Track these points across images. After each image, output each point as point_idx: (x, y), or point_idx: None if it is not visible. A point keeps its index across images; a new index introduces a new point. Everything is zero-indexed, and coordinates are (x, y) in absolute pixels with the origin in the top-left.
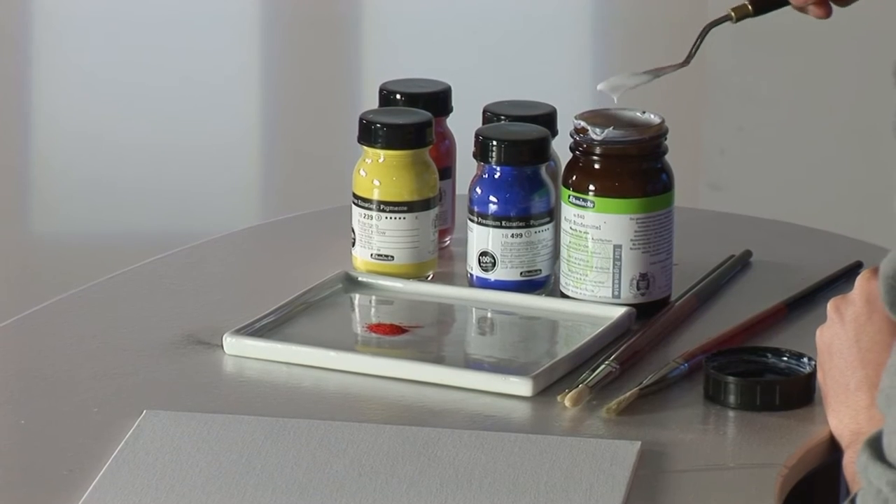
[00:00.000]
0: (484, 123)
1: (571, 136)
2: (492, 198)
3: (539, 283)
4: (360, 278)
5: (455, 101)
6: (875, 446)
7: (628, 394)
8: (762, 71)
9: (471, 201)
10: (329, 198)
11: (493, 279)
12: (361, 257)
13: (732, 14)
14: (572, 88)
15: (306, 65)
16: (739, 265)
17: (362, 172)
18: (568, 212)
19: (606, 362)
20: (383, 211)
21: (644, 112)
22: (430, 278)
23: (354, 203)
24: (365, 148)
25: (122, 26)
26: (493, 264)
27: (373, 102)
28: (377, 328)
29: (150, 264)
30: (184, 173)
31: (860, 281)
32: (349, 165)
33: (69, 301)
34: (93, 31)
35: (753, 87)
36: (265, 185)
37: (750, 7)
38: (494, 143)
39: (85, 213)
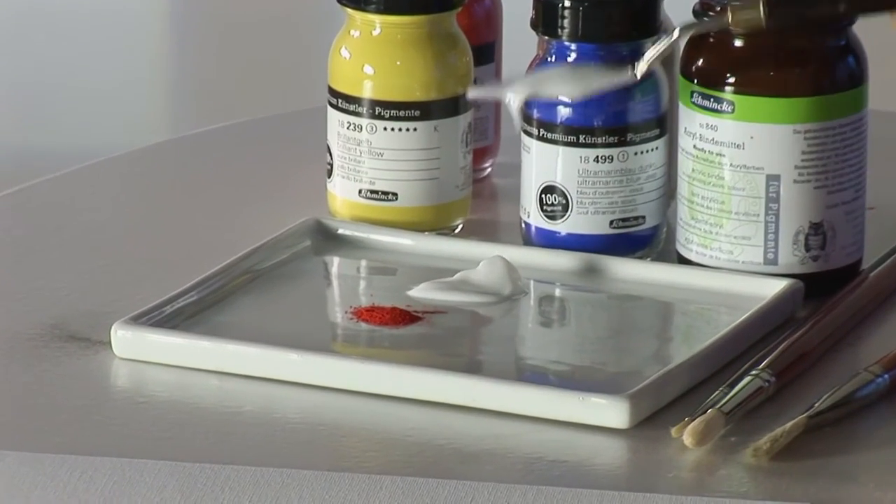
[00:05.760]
0: None
1: None
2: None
3: (642, 238)
4: (340, 230)
5: None
6: None
7: (790, 424)
8: None
9: (527, 104)
10: (290, 97)
11: (563, 232)
12: (343, 195)
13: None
14: None
15: None
16: None
17: (345, 53)
18: (691, 120)
19: (753, 372)
20: (380, 118)
21: None
22: (458, 230)
23: (331, 105)
24: (350, 12)
25: None
26: (566, 208)
27: None
28: (369, 314)
29: None
30: (59, 58)
31: None
32: (324, 43)
33: None
34: None
35: None
36: (184, 76)
37: (763, 17)
38: (568, 4)
39: None
